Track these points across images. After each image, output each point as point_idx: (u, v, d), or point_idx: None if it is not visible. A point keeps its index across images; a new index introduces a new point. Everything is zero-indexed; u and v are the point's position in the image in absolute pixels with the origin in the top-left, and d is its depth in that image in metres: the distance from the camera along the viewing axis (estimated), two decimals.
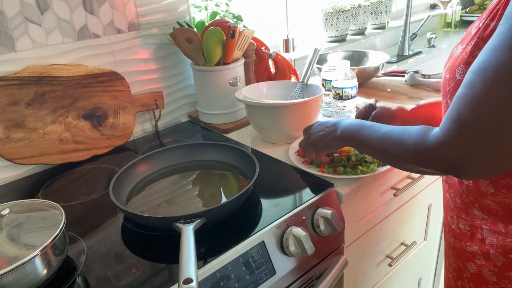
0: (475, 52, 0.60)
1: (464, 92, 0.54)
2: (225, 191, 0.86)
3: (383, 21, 1.91)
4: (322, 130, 0.83)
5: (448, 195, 0.78)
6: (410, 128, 0.63)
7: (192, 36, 1.07)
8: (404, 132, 0.63)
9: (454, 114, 0.54)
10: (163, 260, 0.68)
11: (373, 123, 0.72)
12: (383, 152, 0.68)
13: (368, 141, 0.71)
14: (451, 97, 0.65)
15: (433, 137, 0.57)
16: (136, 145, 1.15)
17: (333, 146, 0.82)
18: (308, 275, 0.80)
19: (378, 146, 0.68)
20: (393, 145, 0.65)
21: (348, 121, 0.79)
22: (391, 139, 0.65)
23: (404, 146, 0.62)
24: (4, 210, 0.66)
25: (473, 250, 0.71)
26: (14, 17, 0.93)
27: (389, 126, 0.68)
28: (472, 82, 0.53)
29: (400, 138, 0.63)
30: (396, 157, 0.65)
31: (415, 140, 0.60)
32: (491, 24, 0.59)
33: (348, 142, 0.78)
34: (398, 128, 0.65)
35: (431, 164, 0.58)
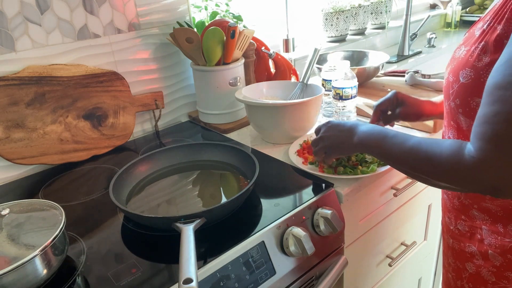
0: (481, 56, 0.59)
1: (496, 109, 0.51)
2: (225, 191, 0.86)
3: (383, 21, 1.91)
4: (337, 134, 0.78)
5: (446, 197, 0.77)
6: (441, 142, 0.58)
7: (192, 36, 1.07)
8: (433, 147, 0.58)
9: (489, 133, 0.51)
10: (163, 260, 0.68)
11: (396, 133, 0.67)
12: (409, 167, 0.63)
13: (392, 153, 0.66)
14: (454, 100, 0.64)
15: (469, 156, 0.53)
16: (136, 145, 1.15)
17: (346, 153, 0.79)
18: (308, 275, 0.80)
19: (403, 160, 0.64)
20: (422, 161, 0.60)
21: (367, 127, 0.73)
22: (420, 154, 0.60)
23: (435, 163, 0.58)
24: (4, 210, 0.66)
25: (471, 250, 0.71)
26: (14, 17, 0.93)
27: (416, 138, 0.63)
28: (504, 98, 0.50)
29: (430, 154, 0.58)
30: (426, 174, 0.60)
31: (448, 158, 0.56)
32: (498, 27, 0.57)
33: (365, 150, 0.73)
34: (427, 142, 0.60)
35: (468, 185, 0.55)
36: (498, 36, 0.57)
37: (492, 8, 0.62)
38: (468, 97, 0.62)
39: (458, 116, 0.65)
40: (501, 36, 0.57)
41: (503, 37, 0.56)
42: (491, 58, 0.58)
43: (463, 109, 0.63)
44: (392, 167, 0.70)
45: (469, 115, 0.63)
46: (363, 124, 0.75)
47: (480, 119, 0.53)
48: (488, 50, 0.58)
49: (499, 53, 0.57)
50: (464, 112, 0.63)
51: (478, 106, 0.60)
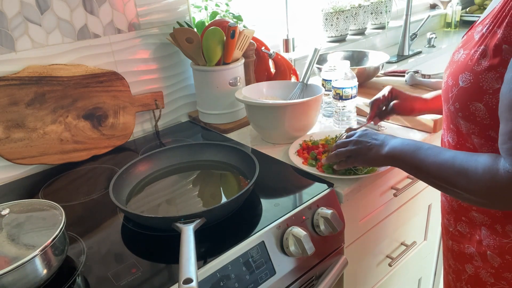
0: (480, 60, 0.59)
1: None
2: (225, 191, 0.86)
3: (383, 21, 1.91)
4: (370, 141, 0.76)
5: (444, 199, 0.77)
6: (476, 157, 0.57)
7: (192, 36, 1.07)
8: (469, 161, 0.57)
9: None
10: (163, 260, 0.68)
11: (431, 146, 0.65)
12: (443, 180, 0.61)
13: (424, 166, 0.64)
14: (454, 103, 0.64)
15: (504, 171, 0.52)
16: (136, 145, 1.15)
17: (373, 163, 0.78)
18: (308, 275, 0.80)
19: (437, 173, 0.62)
20: (456, 176, 0.58)
21: (400, 140, 0.71)
22: (455, 168, 0.59)
23: (470, 177, 0.56)
24: (4, 210, 0.66)
25: (470, 251, 0.71)
26: (14, 17, 0.93)
27: (451, 151, 0.62)
28: None
29: (464, 168, 0.57)
30: (460, 188, 0.59)
31: (483, 172, 0.54)
32: (498, 31, 0.57)
33: (394, 162, 0.72)
34: (462, 155, 0.59)
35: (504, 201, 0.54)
36: (498, 41, 0.57)
37: (491, 11, 0.61)
38: (468, 101, 0.61)
39: (458, 120, 0.65)
40: (501, 41, 0.56)
41: (503, 42, 0.56)
42: (490, 62, 0.58)
43: (463, 113, 0.63)
44: (424, 181, 0.68)
45: (469, 119, 0.63)
46: (396, 138, 0.73)
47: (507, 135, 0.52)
48: (488, 54, 0.58)
49: (498, 57, 0.57)
50: (464, 116, 0.63)
51: (477, 110, 0.61)
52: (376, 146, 0.74)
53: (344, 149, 0.80)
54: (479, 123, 0.61)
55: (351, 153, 0.79)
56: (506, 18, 0.56)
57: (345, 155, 0.80)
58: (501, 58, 0.56)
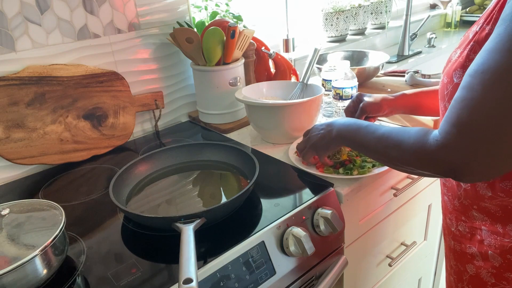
0: (471, 55, 0.60)
1: (462, 95, 0.53)
2: (225, 191, 0.86)
3: (383, 21, 1.91)
4: (318, 133, 0.83)
5: (446, 198, 0.78)
6: (409, 130, 0.62)
7: (192, 36, 1.07)
8: (402, 134, 0.62)
9: (454, 118, 0.54)
10: (163, 260, 0.68)
11: (369, 124, 0.72)
12: (381, 154, 0.67)
13: (365, 142, 0.70)
14: (449, 100, 0.65)
15: (433, 140, 0.56)
16: (136, 145, 1.15)
17: (331, 147, 0.83)
18: (308, 275, 0.80)
19: (375, 147, 0.68)
20: (391, 147, 0.64)
21: (342, 121, 0.79)
22: (389, 141, 0.65)
23: (402, 148, 0.61)
24: (4, 210, 0.66)
25: (472, 251, 0.71)
26: (14, 17, 0.93)
27: (387, 127, 0.68)
28: (470, 85, 0.52)
29: (398, 140, 0.63)
30: (395, 159, 0.64)
31: (414, 142, 0.59)
32: (486, 28, 0.59)
33: (344, 142, 0.78)
34: (396, 130, 0.65)
35: (430, 167, 0.58)
36: (486, 36, 0.58)
37: (485, 11, 0.63)
38: None
39: None
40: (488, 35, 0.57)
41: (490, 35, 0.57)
42: None
43: None
44: (368, 156, 0.75)
45: None
46: (340, 119, 0.80)
47: (451, 104, 0.55)
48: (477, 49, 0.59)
49: None
50: None
51: None
52: (325, 133, 0.81)
53: (305, 149, 0.87)
54: None
55: (311, 148, 0.85)
56: (494, 15, 0.58)
57: (311, 152, 0.86)
58: None
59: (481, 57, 0.53)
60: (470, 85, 0.52)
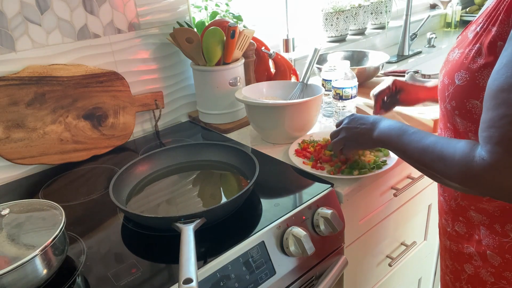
0: (476, 58, 0.59)
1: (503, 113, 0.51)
2: (225, 191, 0.86)
3: (383, 21, 1.91)
4: (358, 127, 0.79)
5: (442, 199, 0.77)
6: (454, 143, 0.58)
7: (192, 36, 1.07)
8: (448, 147, 0.58)
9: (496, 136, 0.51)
10: (163, 260, 0.68)
11: (416, 130, 0.67)
12: (423, 165, 0.63)
13: (408, 150, 0.66)
14: (450, 102, 0.64)
15: (479, 158, 0.53)
16: (136, 145, 1.15)
17: (366, 147, 0.80)
18: (308, 275, 0.80)
19: (418, 158, 0.64)
20: (435, 161, 0.60)
21: (388, 123, 0.74)
22: (434, 154, 0.60)
23: (447, 163, 0.58)
24: (4, 210, 0.66)
25: (470, 251, 0.71)
26: (14, 17, 0.93)
27: (434, 137, 0.63)
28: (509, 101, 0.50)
29: (443, 154, 0.59)
30: (439, 173, 0.60)
31: (460, 159, 0.56)
32: (492, 29, 0.58)
33: (384, 145, 0.74)
34: (442, 141, 0.60)
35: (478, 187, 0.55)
36: (493, 38, 0.57)
37: (485, 10, 0.62)
38: (464, 99, 0.62)
39: (455, 118, 0.65)
40: (496, 38, 0.57)
41: (498, 39, 0.56)
42: (486, 60, 0.58)
43: (460, 111, 0.63)
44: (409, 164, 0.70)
45: (465, 116, 0.63)
46: (385, 120, 0.75)
47: (486, 124, 0.53)
48: (483, 52, 0.59)
49: (493, 55, 0.57)
50: (461, 114, 0.63)
51: (474, 107, 0.61)
52: (366, 130, 0.77)
53: (337, 138, 0.83)
54: (475, 120, 0.62)
55: (344, 140, 0.82)
56: (500, 16, 0.57)
57: (342, 143, 0.83)
58: (496, 55, 0.56)
59: (508, 70, 0.51)
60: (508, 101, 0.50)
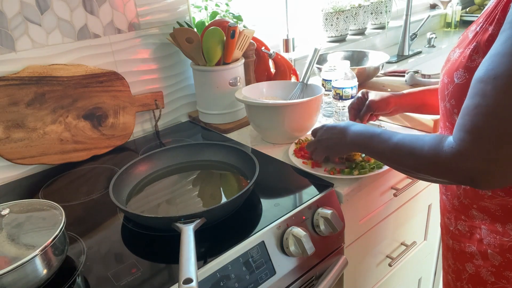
0: (473, 56, 0.60)
1: (476, 102, 0.53)
2: (225, 191, 0.86)
3: (383, 21, 1.91)
4: (331, 137, 0.82)
5: (445, 197, 0.78)
6: (422, 137, 0.61)
7: (192, 36, 1.07)
8: (416, 141, 0.61)
9: (468, 125, 0.53)
10: (163, 260, 0.68)
11: (383, 131, 0.71)
12: (396, 162, 0.66)
13: (379, 150, 0.70)
14: (450, 100, 0.65)
15: (448, 147, 0.55)
16: (136, 145, 1.15)
17: (344, 152, 0.84)
18: (308, 275, 0.80)
19: (390, 155, 0.67)
20: (406, 155, 0.63)
21: (357, 127, 0.77)
22: (404, 149, 0.63)
23: (417, 156, 0.60)
24: (4, 210, 0.66)
25: (471, 250, 0.71)
26: (14, 17, 0.93)
27: (401, 134, 0.66)
28: (483, 91, 0.52)
29: (412, 148, 0.61)
30: (410, 167, 0.63)
31: (428, 150, 0.58)
32: (489, 28, 0.58)
33: (357, 148, 0.78)
34: (410, 137, 0.63)
35: (447, 175, 0.57)
36: (490, 36, 0.58)
37: (485, 11, 0.62)
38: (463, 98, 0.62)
39: (454, 117, 0.66)
40: (493, 36, 0.57)
41: (494, 37, 0.57)
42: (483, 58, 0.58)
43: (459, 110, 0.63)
44: (383, 163, 0.75)
45: None
46: (355, 124, 0.79)
47: (463, 111, 0.55)
48: (480, 50, 0.59)
49: None
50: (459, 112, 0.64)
51: None
52: (338, 138, 0.80)
53: (315, 150, 0.87)
54: None
55: (323, 151, 0.85)
56: (497, 15, 0.57)
57: (321, 154, 0.86)
58: None
59: (491, 62, 0.52)
60: (482, 91, 0.52)
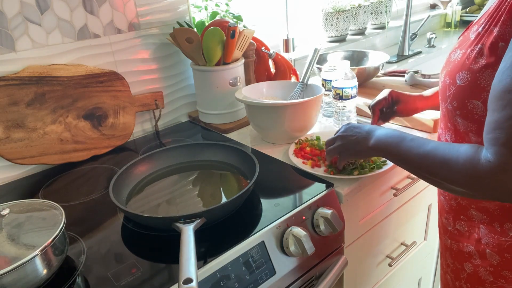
0: (478, 58, 0.59)
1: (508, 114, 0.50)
2: (225, 191, 0.86)
3: (383, 21, 1.91)
4: (355, 135, 0.78)
5: (442, 198, 0.77)
6: (457, 147, 0.57)
7: (192, 36, 1.07)
8: (450, 151, 0.57)
9: (503, 137, 0.50)
10: (163, 260, 0.68)
11: (414, 137, 0.66)
12: (426, 171, 0.62)
13: (408, 157, 0.65)
14: (452, 102, 0.64)
15: (485, 161, 0.52)
16: (136, 145, 1.15)
17: (361, 156, 0.79)
18: (308, 275, 0.80)
19: (420, 164, 0.63)
20: (439, 166, 0.59)
21: (385, 131, 0.72)
22: (436, 158, 0.59)
23: (451, 168, 0.56)
24: (4, 210, 0.66)
25: (469, 250, 0.71)
26: (14, 17, 0.93)
27: (434, 142, 0.62)
28: (508, 102, 0.50)
29: (446, 158, 0.57)
30: (443, 178, 0.59)
31: (464, 162, 0.54)
32: (494, 30, 0.58)
33: (381, 153, 0.73)
34: (445, 146, 0.59)
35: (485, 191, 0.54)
36: (494, 39, 0.57)
37: (487, 11, 0.62)
38: (465, 99, 0.62)
39: (456, 118, 0.65)
40: (497, 39, 0.57)
41: (499, 40, 0.56)
42: (488, 60, 0.58)
43: (461, 111, 0.63)
44: (408, 171, 0.68)
45: (467, 117, 0.63)
46: (381, 128, 0.74)
47: (492, 125, 0.52)
48: (484, 52, 0.59)
49: (495, 55, 0.57)
50: (462, 114, 0.63)
51: (475, 108, 0.61)
52: (361, 139, 0.75)
53: (332, 146, 0.83)
54: (476, 120, 0.62)
55: (339, 148, 0.81)
56: (502, 17, 0.57)
57: (336, 152, 0.82)
58: (498, 56, 0.56)
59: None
60: (508, 101, 0.50)
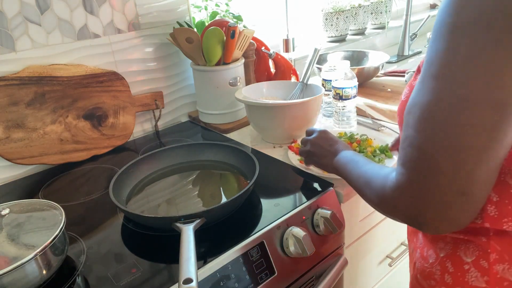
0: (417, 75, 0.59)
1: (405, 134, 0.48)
2: (225, 191, 0.86)
3: (383, 21, 1.91)
4: (323, 149, 0.78)
5: None
6: (381, 169, 0.55)
7: (192, 36, 1.07)
8: (373, 172, 0.56)
9: (402, 157, 0.48)
10: (163, 260, 0.68)
11: (360, 158, 0.66)
12: (358, 191, 0.61)
13: (348, 177, 0.66)
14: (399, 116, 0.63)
15: (390, 182, 0.49)
16: (136, 145, 1.15)
17: (325, 169, 0.79)
18: (308, 275, 0.80)
19: (354, 184, 0.63)
20: (364, 186, 0.58)
21: (349, 154, 0.71)
22: (364, 179, 0.58)
23: (371, 187, 0.55)
24: (4, 210, 0.66)
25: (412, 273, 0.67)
26: (14, 17, 0.93)
27: (371, 164, 0.61)
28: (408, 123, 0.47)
29: (369, 178, 0.56)
30: (366, 198, 0.58)
31: (377, 182, 0.53)
32: None
33: (338, 173, 0.73)
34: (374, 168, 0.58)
35: (392, 212, 0.51)
36: None
37: None
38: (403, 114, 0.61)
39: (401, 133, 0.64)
40: None
41: None
42: None
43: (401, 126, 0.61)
44: None
45: None
46: (348, 152, 0.73)
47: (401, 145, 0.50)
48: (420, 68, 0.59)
49: None
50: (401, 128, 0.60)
51: None
52: (329, 154, 0.76)
53: (304, 149, 0.84)
54: None
55: (308, 154, 0.82)
56: None
57: (305, 155, 0.84)
58: None
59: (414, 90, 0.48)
60: (408, 122, 0.47)
